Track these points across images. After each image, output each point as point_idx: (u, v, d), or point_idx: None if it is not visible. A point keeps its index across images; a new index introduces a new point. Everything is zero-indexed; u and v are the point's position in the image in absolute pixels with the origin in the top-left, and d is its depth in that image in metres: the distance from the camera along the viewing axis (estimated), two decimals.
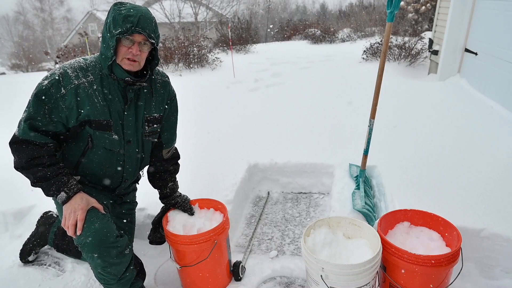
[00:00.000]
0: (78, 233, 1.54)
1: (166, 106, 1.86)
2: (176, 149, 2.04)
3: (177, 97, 1.95)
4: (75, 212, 1.55)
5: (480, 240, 1.90)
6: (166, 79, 1.87)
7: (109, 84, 1.63)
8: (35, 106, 1.52)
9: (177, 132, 2.00)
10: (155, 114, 1.80)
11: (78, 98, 1.56)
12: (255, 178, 3.02)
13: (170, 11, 25.13)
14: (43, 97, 1.52)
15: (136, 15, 1.50)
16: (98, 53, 1.68)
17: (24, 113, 1.56)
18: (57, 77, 1.54)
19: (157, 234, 1.94)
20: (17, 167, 1.57)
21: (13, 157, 1.57)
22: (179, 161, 2.06)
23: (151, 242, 1.95)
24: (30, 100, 1.55)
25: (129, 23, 1.49)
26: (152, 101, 1.78)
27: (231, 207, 2.39)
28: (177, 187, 2.03)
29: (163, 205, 2.02)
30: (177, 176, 2.05)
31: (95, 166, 1.71)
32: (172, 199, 1.98)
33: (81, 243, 1.55)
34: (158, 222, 1.95)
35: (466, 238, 1.79)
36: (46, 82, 1.54)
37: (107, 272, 1.61)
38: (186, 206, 1.98)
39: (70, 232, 1.55)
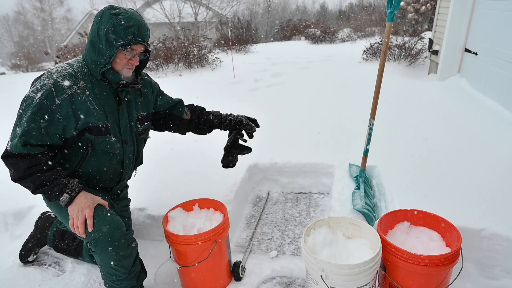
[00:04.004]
0: (90, 230, 1.55)
1: (153, 100, 1.95)
2: (186, 106, 2.09)
3: (175, 97, 2.05)
4: (82, 211, 1.55)
5: (480, 240, 1.90)
6: (146, 77, 1.93)
7: (100, 88, 1.64)
8: (30, 121, 1.49)
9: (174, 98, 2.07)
10: (143, 113, 1.86)
11: (74, 107, 1.55)
12: (255, 178, 3.02)
13: (170, 11, 25.09)
14: (38, 111, 1.49)
15: (135, 25, 1.53)
16: (80, 57, 1.67)
17: (17, 126, 1.53)
18: (49, 88, 1.51)
19: (229, 158, 1.99)
20: (15, 178, 1.56)
21: (8, 170, 1.55)
22: (196, 105, 2.12)
23: (224, 166, 2.03)
24: (21, 113, 1.52)
25: (130, 35, 1.51)
26: (139, 100, 1.83)
27: (231, 207, 2.39)
28: (217, 112, 2.06)
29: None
30: (207, 108, 2.12)
31: (95, 169, 1.72)
32: (225, 121, 2.01)
33: (94, 239, 1.56)
34: (229, 148, 2.00)
35: (466, 238, 1.79)
36: (38, 95, 1.50)
37: (120, 265, 1.63)
38: (241, 121, 1.98)
39: (80, 232, 1.55)
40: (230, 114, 2.04)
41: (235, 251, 2.27)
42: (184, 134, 2.13)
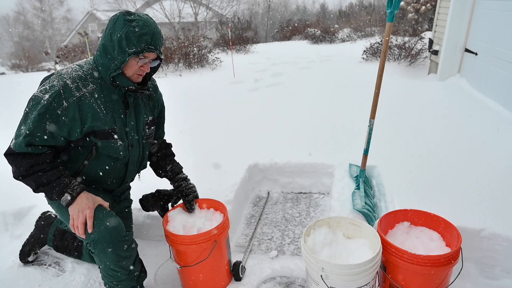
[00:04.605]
0: (90, 231, 1.55)
1: (158, 108, 1.93)
2: (163, 140, 2.10)
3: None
4: (82, 211, 1.55)
5: (480, 240, 1.90)
6: (155, 83, 1.93)
7: (109, 91, 1.63)
8: (35, 122, 1.49)
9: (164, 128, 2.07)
10: (150, 117, 1.85)
11: (81, 111, 1.54)
12: (255, 178, 3.02)
13: (170, 11, 25.12)
14: (45, 113, 1.49)
15: (149, 33, 1.51)
16: (91, 59, 1.67)
17: (22, 125, 1.52)
18: (57, 90, 1.50)
19: (149, 203, 2.00)
20: (17, 176, 1.56)
21: (11, 167, 1.55)
22: (171, 148, 2.11)
23: (142, 202, 2.02)
24: (28, 112, 1.52)
25: (143, 42, 1.51)
26: (148, 104, 1.83)
27: (231, 207, 2.39)
28: (179, 168, 2.05)
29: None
30: (175, 159, 2.09)
31: (98, 172, 1.72)
32: (176, 181, 1.99)
33: (93, 240, 1.55)
34: (160, 197, 2.01)
35: (466, 238, 1.79)
36: (47, 96, 1.49)
37: (120, 266, 1.63)
38: (188, 194, 1.96)
39: (79, 232, 1.55)
40: (184, 181, 1.99)
41: (235, 251, 2.27)
42: (145, 167, 2.08)
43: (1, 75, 13.62)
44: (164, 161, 2.03)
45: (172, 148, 2.12)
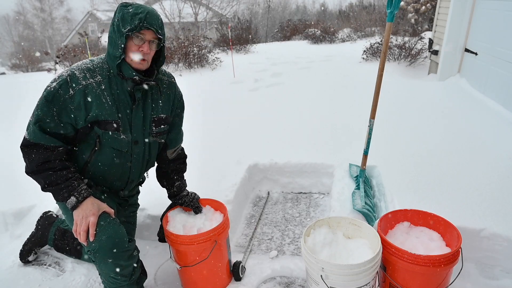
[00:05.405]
0: (91, 239, 1.53)
1: (173, 107, 1.88)
2: (182, 149, 2.05)
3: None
4: (86, 217, 1.53)
5: (480, 240, 1.90)
6: (172, 79, 1.89)
7: (117, 85, 1.63)
8: (44, 109, 1.52)
9: (182, 132, 2.01)
10: (162, 115, 1.81)
11: (86, 99, 1.56)
12: (255, 178, 3.02)
13: (170, 11, 25.15)
14: (52, 99, 1.52)
15: (143, 11, 1.55)
16: (104, 55, 1.69)
17: (32, 116, 1.55)
18: (64, 79, 1.55)
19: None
20: (28, 171, 1.57)
21: (24, 162, 1.56)
22: (186, 161, 2.07)
23: (161, 240, 1.94)
24: (38, 102, 1.55)
25: (137, 20, 1.52)
26: (159, 101, 1.79)
27: (231, 207, 2.39)
28: (184, 186, 2.03)
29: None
30: (184, 175, 2.06)
31: (102, 166, 1.71)
32: (179, 199, 1.99)
33: (94, 249, 1.54)
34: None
35: (466, 238, 1.79)
36: (54, 84, 1.54)
37: (120, 274, 1.62)
38: (194, 205, 1.99)
39: (81, 239, 1.54)
40: (186, 196, 1.99)
41: (235, 251, 2.27)
42: (153, 165, 2.02)
43: (1, 75, 13.62)
44: (177, 175, 2.01)
45: (186, 161, 2.07)
